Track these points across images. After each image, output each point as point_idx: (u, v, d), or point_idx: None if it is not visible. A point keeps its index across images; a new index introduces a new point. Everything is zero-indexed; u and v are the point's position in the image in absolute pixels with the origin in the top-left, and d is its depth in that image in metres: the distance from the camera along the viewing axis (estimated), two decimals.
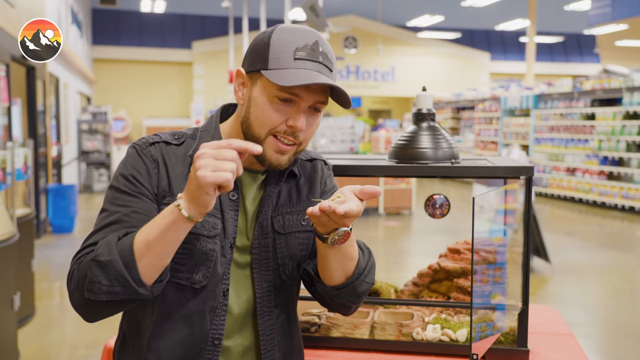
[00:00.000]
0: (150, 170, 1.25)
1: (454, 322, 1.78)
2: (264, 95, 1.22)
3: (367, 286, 1.31)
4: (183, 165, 1.27)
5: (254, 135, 1.24)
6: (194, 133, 1.33)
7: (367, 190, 1.13)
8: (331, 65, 1.24)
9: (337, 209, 1.09)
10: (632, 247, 8.63)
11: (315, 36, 1.23)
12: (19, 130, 7.91)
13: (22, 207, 5.03)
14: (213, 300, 1.26)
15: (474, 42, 24.58)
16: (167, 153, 1.28)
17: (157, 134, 1.32)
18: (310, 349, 1.75)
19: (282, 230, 1.33)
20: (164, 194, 1.25)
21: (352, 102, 1.27)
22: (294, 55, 1.19)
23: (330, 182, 1.45)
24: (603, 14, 13.20)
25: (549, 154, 13.38)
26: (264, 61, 1.21)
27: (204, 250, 1.24)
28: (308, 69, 1.19)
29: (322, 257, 1.26)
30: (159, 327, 1.26)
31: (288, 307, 1.37)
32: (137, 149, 1.28)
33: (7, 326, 3.72)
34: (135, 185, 1.24)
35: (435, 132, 1.76)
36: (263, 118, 1.22)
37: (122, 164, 1.28)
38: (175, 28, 21.66)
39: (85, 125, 14.08)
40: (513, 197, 1.78)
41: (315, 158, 1.44)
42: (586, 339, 4.60)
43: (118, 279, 1.11)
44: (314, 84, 1.18)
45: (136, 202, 1.22)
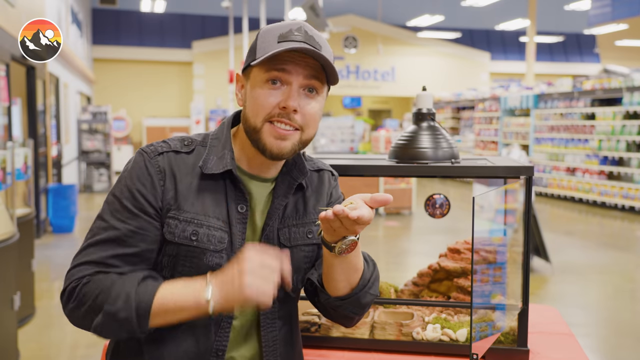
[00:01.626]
0: (155, 183, 1.23)
1: (454, 322, 1.78)
2: (256, 86, 1.23)
3: (371, 298, 1.32)
4: (192, 177, 1.26)
5: (251, 126, 1.24)
6: (204, 140, 1.31)
7: (378, 198, 1.14)
8: (318, 46, 1.22)
9: (350, 214, 1.10)
10: (632, 246, 8.63)
11: (301, 24, 1.24)
12: (19, 130, 7.91)
13: (22, 206, 5.03)
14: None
15: (474, 42, 24.58)
16: (176, 163, 1.26)
17: (167, 142, 1.30)
18: (311, 348, 1.75)
19: (288, 243, 1.32)
20: (168, 207, 1.23)
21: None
22: (277, 40, 1.21)
23: (336, 192, 1.44)
24: (603, 13, 13.20)
25: (549, 153, 13.38)
26: (253, 54, 1.24)
27: (210, 264, 1.23)
28: (291, 45, 1.19)
29: (327, 267, 1.26)
30: (161, 337, 1.25)
31: (291, 318, 1.37)
32: (144, 158, 1.26)
33: (7, 326, 3.72)
34: (138, 201, 1.22)
35: (435, 132, 1.76)
36: (256, 106, 1.22)
37: (128, 172, 1.26)
38: (175, 28, 21.66)
39: (85, 125, 14.07)
40: (513, 197, 1.78)
41: (323, 169, 1.43)
42: (586, 338, 4.60)
43: (129, 330, 1.16)
44: (292, 50, 1.18)
45: (136, 221, 1.22)
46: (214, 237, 1.24)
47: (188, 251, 1.23)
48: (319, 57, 1.20)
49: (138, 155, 1.27)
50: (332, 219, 1.13)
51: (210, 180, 1.26)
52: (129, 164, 1.28)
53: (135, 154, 1.29)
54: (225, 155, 1.27)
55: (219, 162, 1.26)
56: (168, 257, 1.24)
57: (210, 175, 1.26)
